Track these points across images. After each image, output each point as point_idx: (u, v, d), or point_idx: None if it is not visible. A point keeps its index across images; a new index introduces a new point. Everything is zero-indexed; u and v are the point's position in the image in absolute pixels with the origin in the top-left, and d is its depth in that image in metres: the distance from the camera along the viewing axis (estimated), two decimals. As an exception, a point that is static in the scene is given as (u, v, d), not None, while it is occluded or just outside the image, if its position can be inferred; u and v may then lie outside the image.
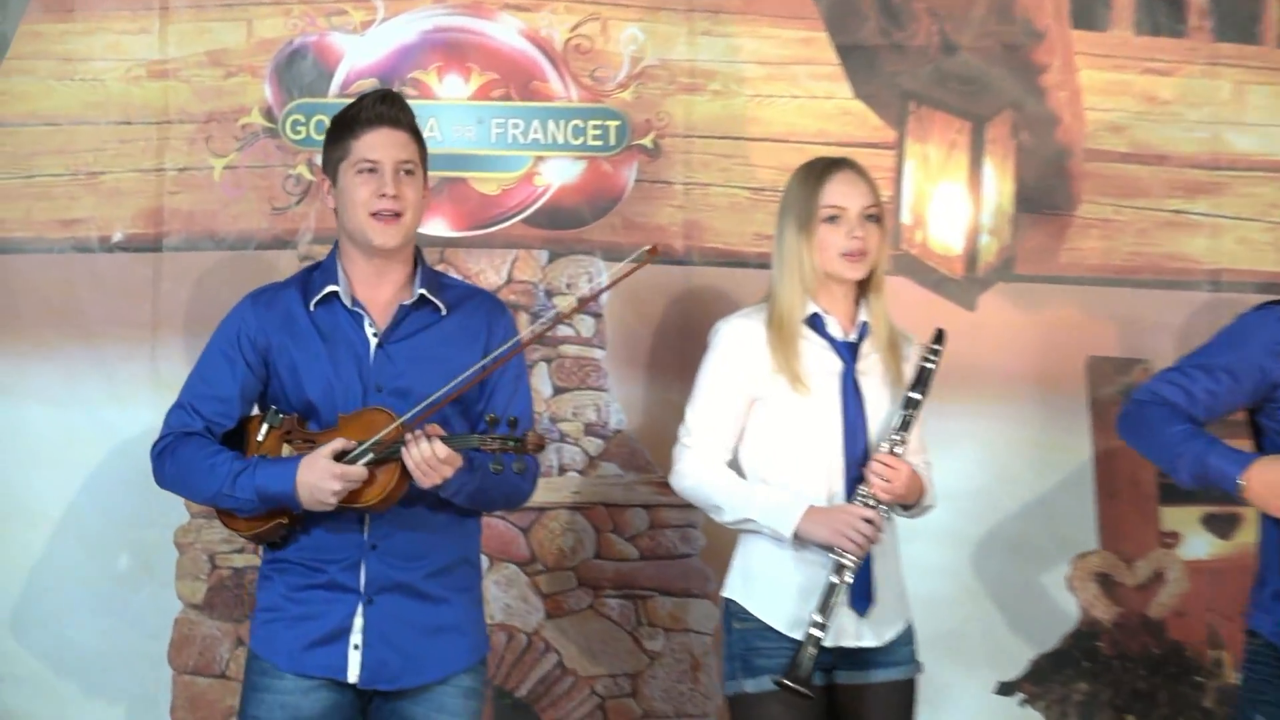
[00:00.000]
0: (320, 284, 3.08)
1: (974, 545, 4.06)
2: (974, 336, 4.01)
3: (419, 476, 2.91)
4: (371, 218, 3.01)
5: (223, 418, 3.05)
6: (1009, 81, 4.09)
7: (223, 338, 3.09)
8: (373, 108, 3.04)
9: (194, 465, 3.00)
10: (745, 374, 3.22)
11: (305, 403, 3.04)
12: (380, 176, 3.01)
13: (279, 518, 2.99)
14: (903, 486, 3.17)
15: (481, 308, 3.15)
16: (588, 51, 4.02)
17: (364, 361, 3.03)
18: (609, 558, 4.03)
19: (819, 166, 3.25)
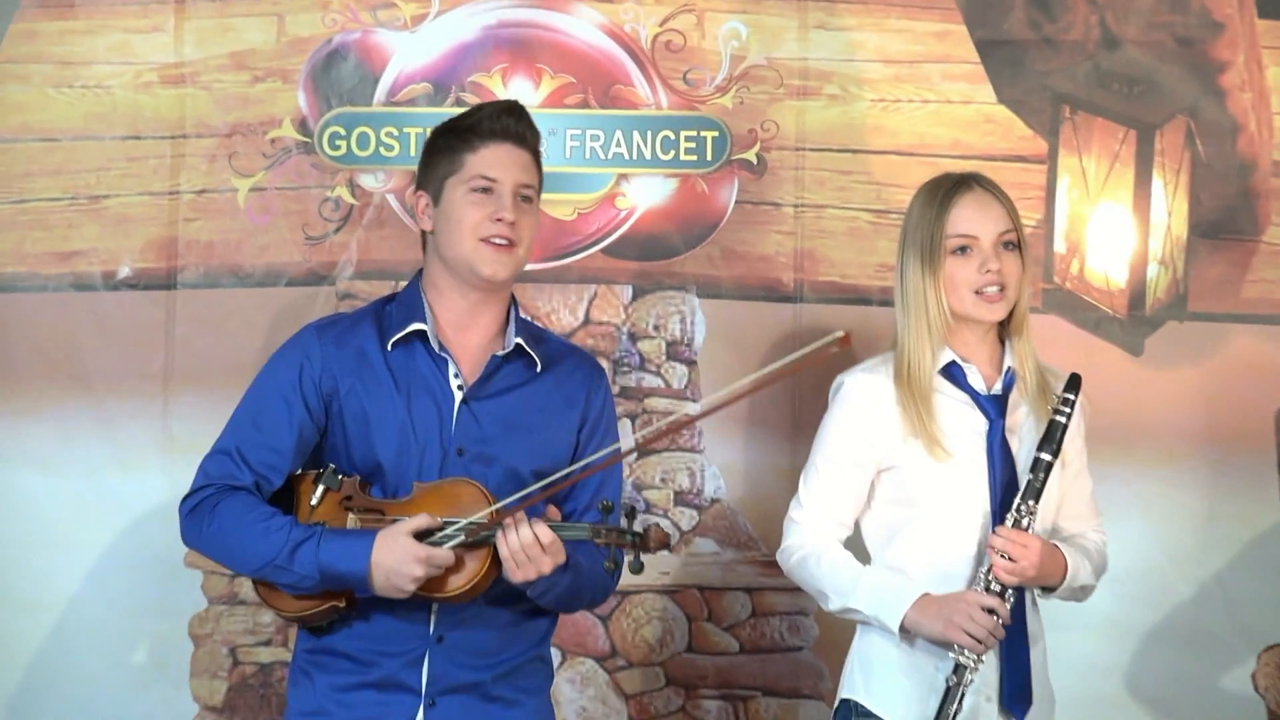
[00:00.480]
0: (401, 320, 3.08)
1: (1139, 637, 4.01)
2: (1140, 386, 4.00)
3: (511, 568, 2.92)
4: (482, 244, 3.03)
5: (274, 472, 3.04)
6: (1182, 82, 4.07)
7: (280, 374, 3.08)
8: (497, 119, 3.08)
9: (241, 526, 2.98)
10: (872, 440, 3.20)
11: (372, 464, 3.03)
12: (498, 198, 3.05)
13: (335, 599, 2.99)
14: (1032, 566, 3.11)
15: (581, 369, 3.18)
16: (680, 50, 4.03)
17: (445, 419, 3.04)
18: (704, 651, 4.00)
19: (943, 187, 3.24)
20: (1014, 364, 3.23)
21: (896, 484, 3.20)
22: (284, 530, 2.95)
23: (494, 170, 3.05)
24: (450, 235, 3.05)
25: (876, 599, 3.14)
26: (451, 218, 3.05)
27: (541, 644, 3.13)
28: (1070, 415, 3.14)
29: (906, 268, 3.21)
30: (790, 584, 3.32)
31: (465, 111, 3.15)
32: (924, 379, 3.18)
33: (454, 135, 3.09)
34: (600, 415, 3.14)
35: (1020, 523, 3.11)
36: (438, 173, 3.08)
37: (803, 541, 3.23)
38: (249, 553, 2.98)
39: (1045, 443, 3.13)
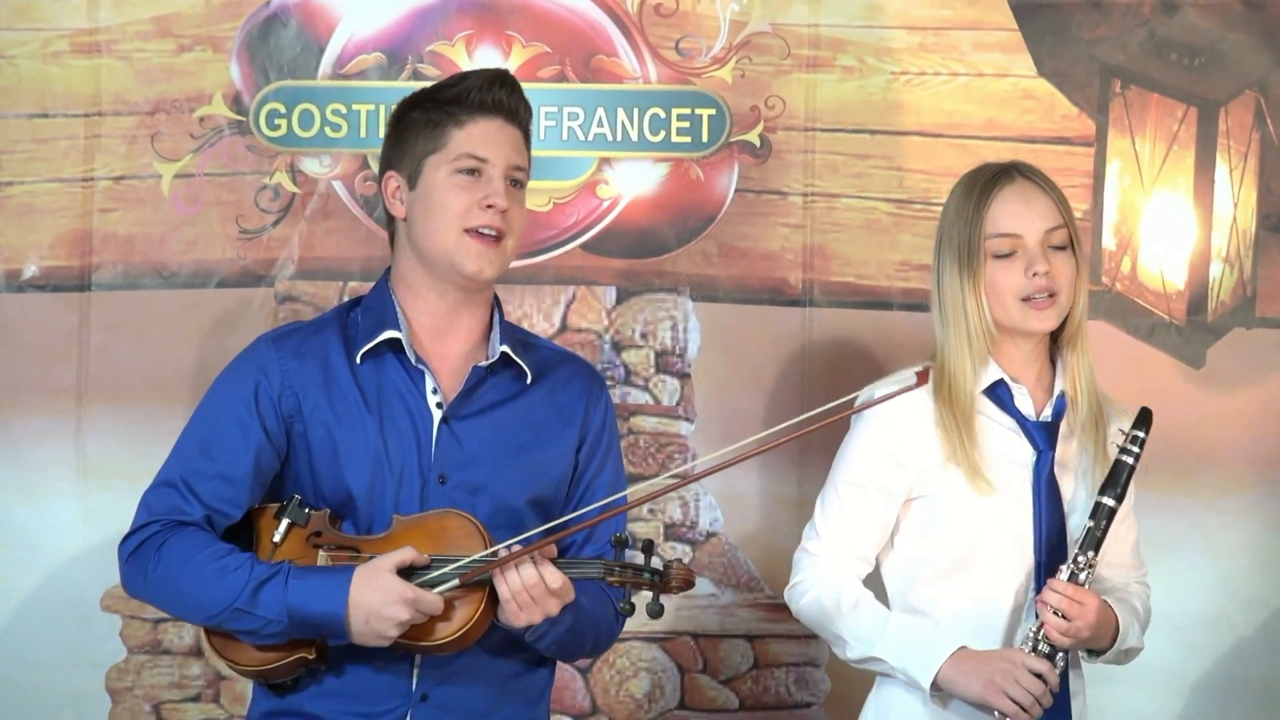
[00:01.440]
0: (371, 328, 3.04)
1: (1197, 689, 4.02)
2: (1202, 404, 3.99)
3: (512, 611, 2.89)
4: (467, 235, 3.00)
5: (229, 506, 2.99)
6: (1251, 51, 4.07)
7: (233, 394, 3.03)
8: (488, 89, 3.03)
9: (193, 567, 2.94)
10: (903, 463, 3.18)
11: (343, 494, 3.00)
12: (488, 181, 3.02)
13: (304, 650, 2.94)
14: (1088, 626, 3.10)
15: (578, 378, 3.15)
16: (671, 15, 4.02)
17: (424, 441, 3.02)
18: (699, 708, 3.99)
19: (981, 179, 3.22)
20: (1067, 386, 3.20)
21: (928, 517, 3.17)
22: (244, 569, 2.91)
23: (484, 148, 3.01)
24: (430, 223, 3.01)
25: (906, 650, 3.12)
26: (432, 203, 3.01)
27: (538, 703, 3.11)
28: (1139, 456, 3.12)
29: (944, 273, 3.19)
30: (798, 631, 3.28)
31: (447, 80, 3.10)
32: (966, 398, 3.15)
33: (435, 107, 3.04)
34: (602, 432, 3.11)
35: (1077, 577, 3.10)
36: (414, 150, 3.03)
37: (817, 577, 3.19)
38: (203, 597, 2.93)
39: (1109, 486, 3.13)
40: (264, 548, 2.99)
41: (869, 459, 3.20)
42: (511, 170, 3.03)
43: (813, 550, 3.22)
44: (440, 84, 3.09)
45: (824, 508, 3.23)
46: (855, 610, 3.16)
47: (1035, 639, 3.10)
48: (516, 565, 2.86)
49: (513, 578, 2.86)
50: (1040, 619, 3.10)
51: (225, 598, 2.91)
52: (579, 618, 2.97)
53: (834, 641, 3.20)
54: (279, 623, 2.89)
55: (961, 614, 3.15)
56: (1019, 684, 3.06)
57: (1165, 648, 3.74)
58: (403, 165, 3.05)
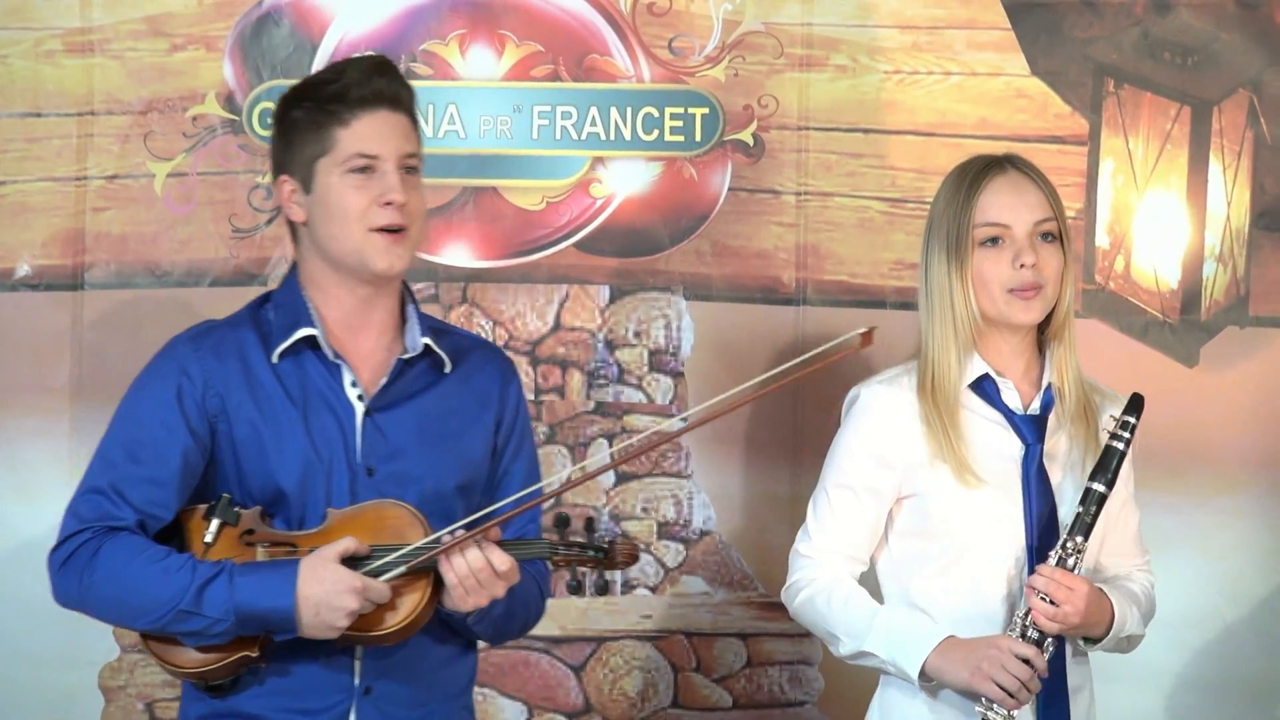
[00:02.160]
0: (285, 326, 3.04)
1: (1194, 689, 4.03)
2: (1195, 402, 3.99)
3: (459, 596, 2.90)
4: (372, 234, 2.99)
5: (159, 509, 2.97)
6: (1245, 51, 4.08)
7: (156, 396, 3.02)
8: (367, 82, 3.00)
9: (132, 571, 2.92)
10: (891, 462, 3.18)
11: (272, 492, 2.99)
12: (382, 178, 2.99)
13: (248, 648, 2.92)
14: (1077, 613, 3.09)
15: (492, 363, 3.17)
16: (665, 14, 4.02)
17: (349, 435, 3.02)
18: (692, 706, 4.01)
19: (972, 169, 3.22)
20: (1054, 379, 3.20)
21: (918, 514, 3.18)
22: (186, 569, 2.89)
23: (372, 145, 2.98)
24: (332, 227, 3.00)
25: (894, 641, 3.12)
26: (331, 207, 2.99)
27: (466, 692, 3.13)
28: (1129, 442, 3.12)
29: (931, 263, 3.19)
30: (791, 629, 3.29)
31: (324, 74, 3.07)
32: (951, 392, 3.16)
33: (315, 107, 3.01)
34: (517, 415, 3.13)
35: (1066, 562, 3.09)
36: (303, 153, 3.01)
37: (811, 577, 3.20)
38: (146, 601, 2.91)
39: (1099, 472, 3.12)
40: (196, 549, 2.97)
41: (856, 460, 3.20)
42: (404, 159, 3.01)
43: (805, 552, 3.23)
44: (318, 79, 3.07)
45: (815, 510, 3.24)
46: (847, 606, 3.17)
47: (1023, 624, 3.09)
48: (462, 550, 2.87)
49: (459, 562, 2.86)
50: (1028, 604, 3.08)
51: (169, 600, 2.89)
52: (512, 599, 2.98)
53: (828, 639, 3.21)
54: (225, 621, 2.88)
55: (957, 609, 3.15)
56: (1005, 669, 3.05)
57: (1161, 648, 3.76)
58: (294, 169, 3.03)
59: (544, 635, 3.93)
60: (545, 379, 3.99)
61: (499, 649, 3.92)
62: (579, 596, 2.95)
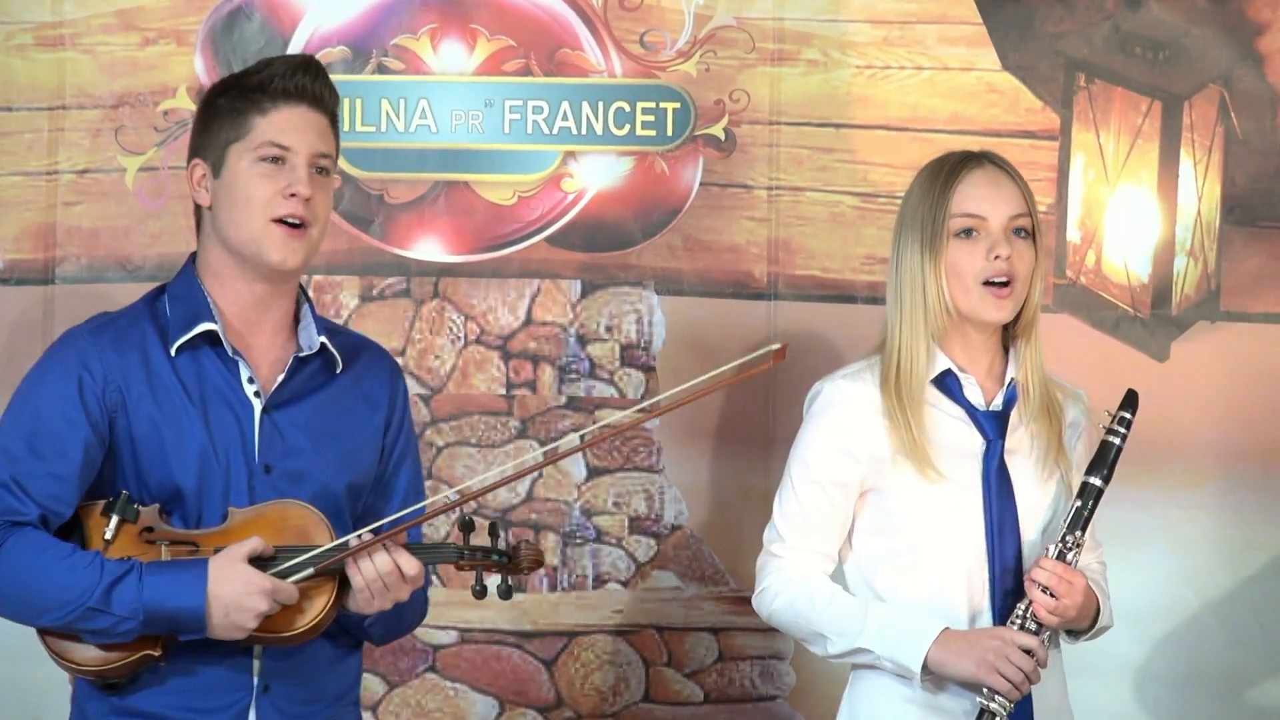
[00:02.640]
0: (184, 319, 3.03)
1: (1163, 684, 4.04)
2: (1166, 397, 3.97)
3: (364, 599, 2.92)
4: (272, 225, 2.99)
5: (60, 504, 2.95)
6: (1215, 46, 4.09)
7: (56, 389, 2.99)
8: (291, 76, 3.01)
9: (38, 568, 2.90)
10: (856, 455, 3.18)
11: (170, 489, 2.98)
12: (291, 169, 3.00)
13: (150, 647, 2.91)
14: (1075, 606, 3.11)
15: (379, 363, 3.18)
16: (636, 8, 4.04)
17: (246, 432, 3.01)
18: (663, 700, 4.01)
19: (948, 163, 3.22)
20: (1019, 375, 3.20)
21: (880, 511, 3.18)
22: (93, 567, 2.88)
23: (286, 136, 2.98)
24: (234, 213, 3.00)
25: (890, 637, 3.12)
26: (236, 192, 2.99)
27: (354, 689, 3.14)
28: (1125, 437, 3.14)
29: (903, 253, 3.19)
30: (763, 625, 3.19)
31: (252, 67, 3.08)
32: (915, 387, 3.15)
33: (238, 94, 3.02)
34: (404, 416, 3.15)
35: (1065, 555, 3.10)
36: (219, 138, 3.01)
37: (785, 579, 3.19)
38: (52, 599, 2.89)
39: (1096, 466, 3.14)
40: (95, 546, 2.95)
41: (821, 454, 3.21)
42: (316, 158, 3.01)
43: (777, 552, 3.22)
44: (246, 70, 3.08)
45: (782, 508, 3.23)
46: (831, 605, 3.17)
47: (1023, 617, 3.10)
48: (371, 554, 2.89)
49: (367, 566, 2.88)
50: (1029, 597, 3.09)
51: (76, 598, 2.88)
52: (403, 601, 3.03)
53: (812, 640, 3.20)
54: (133, 620, 2.87)
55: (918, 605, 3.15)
56: (1010, 661, 3.06)
57: (1129, 643, 3.79)
58: (207, 153, 3.03)
59: (515, 630, 3.95)
60: (517, 374, 3.99)
61: (470, 643, 3.95)
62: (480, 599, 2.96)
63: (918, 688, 3.13)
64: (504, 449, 3.98)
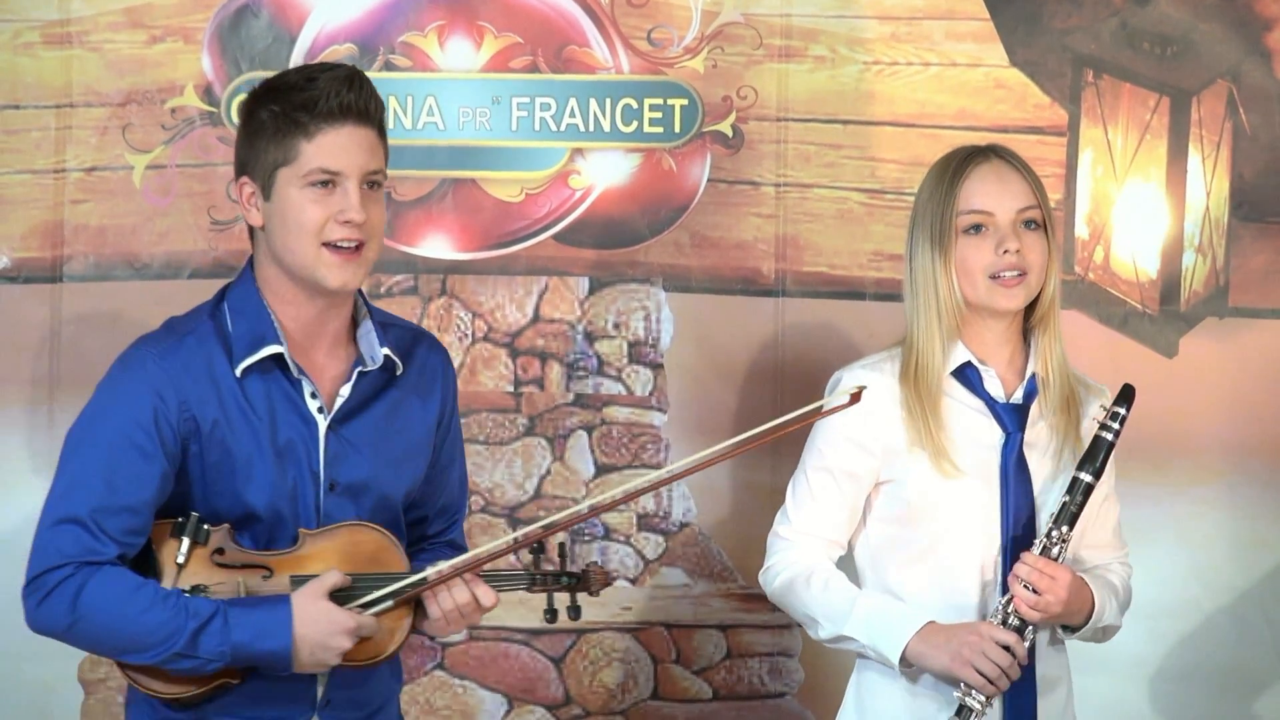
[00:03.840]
0: (250, 339, 2.99)
1: (1172, 679, 4.04)
2: (1175, 393, 4.00)
3: (439, 626, 2.94)
4: (325, 250, 2.95)
5: (135, 537, 2.93)
6: (1223, 42, 4.09)
7: (129, 417, 2.94)
8: (336, 94, 2.95)
9: (123, 615, 2.88)
10: (871, 448, 3.19)
11: (241, 510, 2.96)
12: (343, 195, 2.95)
13: (230, 676, 2.93)
14: (1059, 602, 3.10)
15: (432, 356, 3.15)
16: (643, 4, 4.03)
17: (311, 450, 2.99)
18: (672, 698, 4.02)
19: (956, 158, 3.23)
20: (1038, 368, 3.20)
21: (896, 501, 3.19)
22: (178, 611, 2.86)
23: (336, 161, 2.94)
24: (287, 239, 2.95)
25: (874, 626, 3.13)
26: (288, 218, 2.95)
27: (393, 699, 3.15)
28: (1118, 433, 3.13)
29: (916, 251, 3.20)
30: (772, 621, 3.27)
31: (292, 78, 3.00)
32: (933, 379, 3.16)
33: (282, 114, 2.95)
34: (453, 410, 3.14)
35: (1050, 550, 3.10)
36: (265, 159, 2.96)
37: (789, 559, 3.21)
38: (137, 643, 2.89)
39: (1087, 461, 3.13)
40: (167, 570, 2.93)
41: (836, 444, 3.21)
42: (367, 175, 2.97)
43: (784, 534, 3.24)
44: (289, 82, 3.00)
45: (794, 493, 3.24)
46: (826, 590, 3.18)
47: (1005, 612, 3.10)
48: (450, 588, 2.90)
49: (445, 599, 2.90)
50: (1010, 592, 3.09)
51: (163, 642, 2.87)
52: None
53: (806, 622, 3.22)
54: (219, 662, 2.88)
55: (932, 598, 3.16)
56: (986, 656, 3.06)
57: (1139, 637, 3.78)
58: (255, 173, 2.98)
59: (524, 627, 3.95)
60: (524, 371, 4.00)
61: (478, 640, 3.97)
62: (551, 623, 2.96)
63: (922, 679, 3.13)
64: (511, 446, 3.99)
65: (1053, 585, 3.08)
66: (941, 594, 3.16)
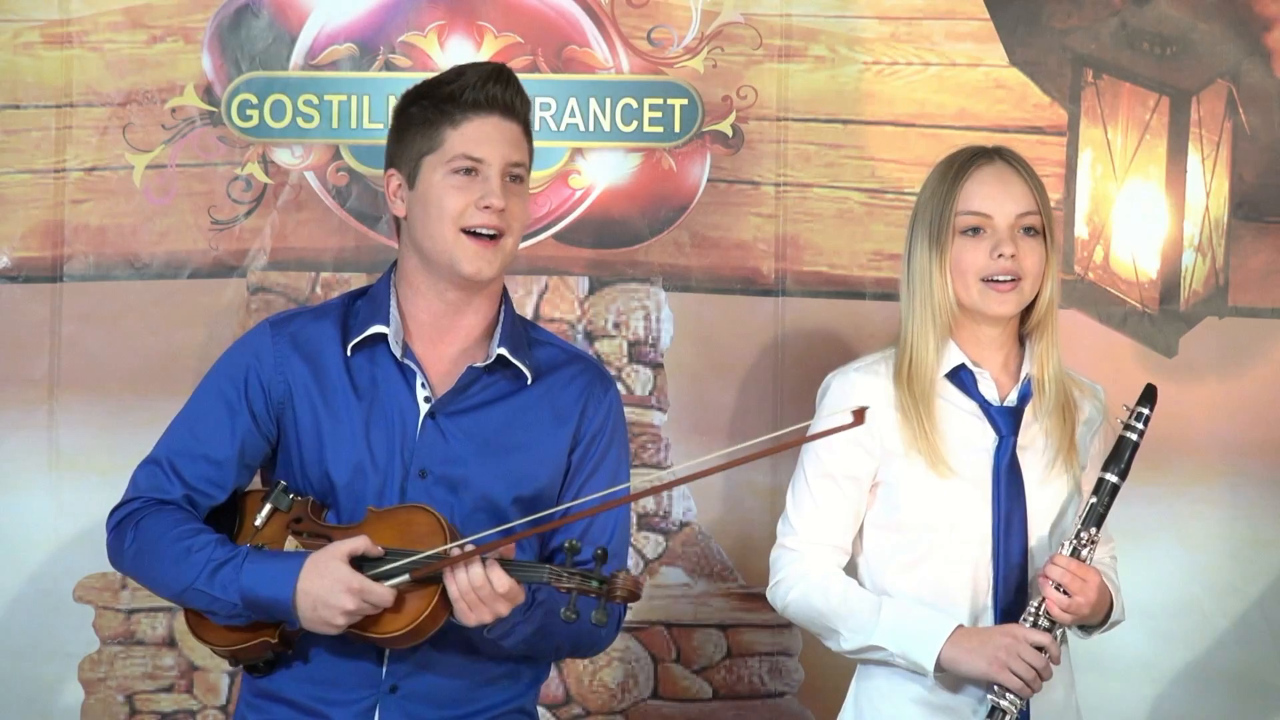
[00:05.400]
0: (364, 320, 3.06)
1: (1172, 678, 4.04)
2: (1174, 393, 3.95)
3: (462, 610, 2.88)
4: (464, 236, 2.99)
5: (211, 486, 3.02)
6: (1223, 41, 4.09)
7: (226, 375, 3.06)
8: (482, 87, 3.01)
9: (163, 545, 2.97)
10: (868, 448, 3.19)
11: (326, 484, 3.02)
12: (485, 181, 3.00)
13: (265, 633, 2.96)
14: (1089, 603, 3.12)
15: (581, 379, 3.12)
16: (643, 4, 4.04)
17: (409, 434, 3.02)
18: (672, 697, 4.02)
19: (960, 159, 3.23)
20: (1034, 371, 3.20)
21: (889, 504, 3.18)
22: (206, 549, 2.93)
23: (480, 148, 2.99)
24: (428, 224, 3.00)
25: (903, 634, 3.12)
26: (430, 203, 2.99)
27: (525, 696, 3.11)
28: (1143, 433, 3.13)
29: (914, 250, 3.20)
30: (772, 621, 3.25)
31: (443, 75, 3.06)
32: (926, 380, 3.16)
33: (430, 105, 3.01)
34: (599, 434, 3.08)
35: (1079, 552, 3.10)
36: (412, 150, 3.02)
37: (799, 572, 3.19)
38: (168, 574, 2.95)
39: (1113, 462, 3.13)
40: (246, 530, 3.00)
41: (835, 448, 3.19)
42: (509, 167, 3.01)
43: (791, 546, 3.22)
44: (438, 79, 3.06)
45: (796, 501, 3.23)
46: (845, 601, 3.17)
47: (1036, 614, 3.10)
48: (466, 566, 2.85)
49: (461, 578, 2.85)
50: (1042, 594, 3.08)
51: (186, 577, 2.93)
52: (549, 620, 2.97)
53: (825, 635, 3.20)
54: (233, 604, 2.91)
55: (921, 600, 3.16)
56: (1022, 659, 3.06)
57: (1139, 637, 3.79)
58: (402, 164, 3.04)
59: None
60: (525, 370, 4.00)
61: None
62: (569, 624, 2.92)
63: (921, 684, 3.13)
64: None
65: (1084, 587, 3.09)
66: (932, 596, 3.16)
